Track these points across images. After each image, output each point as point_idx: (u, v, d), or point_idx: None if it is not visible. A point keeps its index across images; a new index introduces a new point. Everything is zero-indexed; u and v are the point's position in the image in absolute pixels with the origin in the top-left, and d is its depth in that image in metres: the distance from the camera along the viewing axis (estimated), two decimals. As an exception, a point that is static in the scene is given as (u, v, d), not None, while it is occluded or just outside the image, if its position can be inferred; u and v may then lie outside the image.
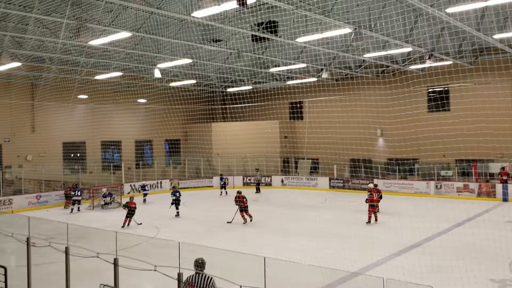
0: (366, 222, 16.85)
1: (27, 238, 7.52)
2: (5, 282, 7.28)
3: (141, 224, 17.65)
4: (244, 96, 31.10)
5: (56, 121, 27.54)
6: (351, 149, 27.57)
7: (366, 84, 28.41)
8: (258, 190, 28.29)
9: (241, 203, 17.62)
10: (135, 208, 17.83)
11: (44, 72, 25.22)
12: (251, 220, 17.75)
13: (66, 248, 6.70)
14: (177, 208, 19.84)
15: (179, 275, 5.86)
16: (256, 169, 30.59)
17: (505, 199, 22.29)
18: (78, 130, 28.87)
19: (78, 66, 23.84)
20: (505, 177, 22.95)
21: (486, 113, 24.19)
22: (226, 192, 27.11)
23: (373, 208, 17.07)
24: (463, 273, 10.10)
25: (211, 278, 6.02)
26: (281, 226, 17.15)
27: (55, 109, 27.38)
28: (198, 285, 5.97)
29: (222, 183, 27.67)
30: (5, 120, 25.58)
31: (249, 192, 28.28)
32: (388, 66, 26.47)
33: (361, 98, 28.42)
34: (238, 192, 18.15)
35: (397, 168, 27.26)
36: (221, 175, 28.68)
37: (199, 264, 6.19)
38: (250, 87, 31.04)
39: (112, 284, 6.44)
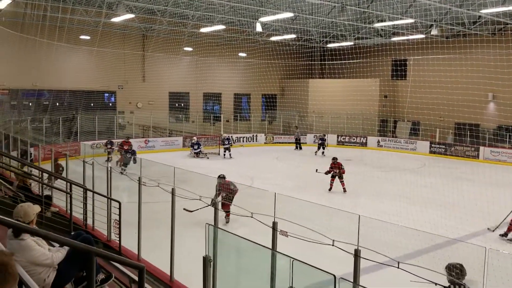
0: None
1: (139, 178, 8.25)
2: (119, 215, 8.12)
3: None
4: (344, 52, 30.15)
5: (164, 72, 29.23)
6: (457, 112, 25.79)
7: (480, 43, 25.80)
8: (298, 147, 28.52)
9: (339, 170, 16.23)
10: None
11: (155, 24, 26.63)
12: (329, 189, 16.36)
13: (172, 189, 7.28)
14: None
15: (274, 224, 6.12)
16: (295, 126, 30.13)
17: None
18: (183, 81, 30.39)
19: (186, 19, 24.75)
20: None
21: None
22: (323, 152, 26.12)
23: None
24: None
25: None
26: (375, 188, 16.88)
27: (163, 60, 29.00)
28: None
29: (321, 142, 26.73)
30: (119, 69, 27.69)
31: (333, 151, 28.05)
32: (508, 24, 23.80)
33: (473, 58, 25.98)
34: (334, 159, 16.65)
35: (507, 135, 25.06)
36: (324, 135, 27.83)
37: (457, 271, 5.10)
38: (351, 43, 29.98)
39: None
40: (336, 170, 16.38)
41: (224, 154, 24.27)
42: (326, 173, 16.57)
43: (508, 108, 23.94)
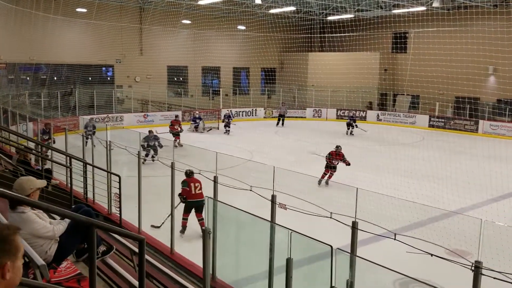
0: None
1: (138, 152, 8.27)
2: (119, 188, 8.18)
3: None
4: (345, 25, 29.75)
5: (162, 45, 28.91)
6: (457, 85, 25.69)
7: (481, 15, 25.36)
8: (281, 124, 27.36)
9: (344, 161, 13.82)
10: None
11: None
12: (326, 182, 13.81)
13: (172, 163, 7.31)
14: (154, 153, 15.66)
15: (273, 197, 6.20)
16: (282, 103, 29.51)
17: None
18: (181, 54, 30.06)
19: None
20: None
21: None
22: (351, 132, 24.29)
23: None
24: None
25: None
26: (374, 161, 16.96)
27: (161, 33, 28.65)
28: None
29: (349, 121, 24.69)
30: (116, 42, 27.36)
31: (332, 125, 28.00)
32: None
33: (474, 30, 25.62)
34: (336, 147, 14.06)
35: (507, 109, 25.01)
36: (352, 115, 26.22)
37: None
38: (351, 15, 29.57)
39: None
40: (335, 161, 13.72)
41: (225, 130, 23.89)
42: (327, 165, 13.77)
43: (508, 81, 23.83)
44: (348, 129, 24.37)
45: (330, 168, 13.68)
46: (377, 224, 5.07)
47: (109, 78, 28.81)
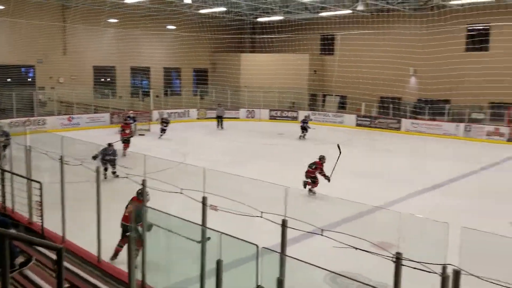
0: None
1: (61, 156, 7.84)
2: (41, 196, 7.72)
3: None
4: (274, 26, 30.25)
5: (87, 45, 27.71)
6: (381, 86, 27.02)
7: (402, 18, 26.94)
8: (220, 126, 26.41)
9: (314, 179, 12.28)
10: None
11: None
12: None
13: (97, 168, 7.01)
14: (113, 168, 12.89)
15: (204, 199, 6.12)
16: (218, 104, 28.87)
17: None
18: (108, 54, 29.03)
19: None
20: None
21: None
22: (304, 136, 23.57)
23: None
24: (483, 214, 10.18)
25: None
26: (305, 160, 17.32)
27: (86, 32, 27.47)
28: None
29: (302, 124, 23.80)
30: (36, 41, 25.78)
31: (266, 126, 28.46)
32: (429, 0, 25.05)
33: (396, 33, 27.10)
34: (321, 158, 12.73)
35: (427, 107, 26.70)
36: (306, 117, 24.75)
37: None
38: (280, 17, 30.11)
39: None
40: (317, 172, 12.25)
41: (161, 135, 22.62)
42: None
43: (427, 81, 25.45)
44: (302, 133, 23.50)
45: (312, 180, 12.32)
46: (307, 221, 5.17)
47: (30, 79, 27.12)
